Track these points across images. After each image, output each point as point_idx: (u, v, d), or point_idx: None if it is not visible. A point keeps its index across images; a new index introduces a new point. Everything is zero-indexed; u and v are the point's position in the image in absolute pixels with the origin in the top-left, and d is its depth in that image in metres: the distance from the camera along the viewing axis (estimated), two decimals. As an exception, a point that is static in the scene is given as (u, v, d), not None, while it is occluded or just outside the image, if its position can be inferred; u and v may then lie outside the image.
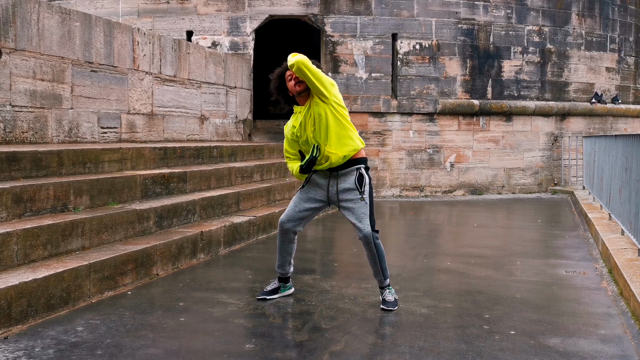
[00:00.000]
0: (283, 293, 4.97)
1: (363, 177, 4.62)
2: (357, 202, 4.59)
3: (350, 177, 4.61)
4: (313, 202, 4.73)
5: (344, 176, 4.61)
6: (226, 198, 7.58)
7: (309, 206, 4.73)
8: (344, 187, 4.62)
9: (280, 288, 4.97)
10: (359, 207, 4.59)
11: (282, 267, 4.91)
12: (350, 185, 4.60)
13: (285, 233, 4.79)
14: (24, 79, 6.38)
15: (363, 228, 4.57)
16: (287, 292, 5.00)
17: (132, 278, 5.28)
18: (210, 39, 12.24)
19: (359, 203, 4.59)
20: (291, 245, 4.84)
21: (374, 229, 4.62)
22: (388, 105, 12.62)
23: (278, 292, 4.96)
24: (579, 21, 14.31)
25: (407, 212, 10.80)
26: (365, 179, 4.62)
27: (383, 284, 4.76)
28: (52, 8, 6.85)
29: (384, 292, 4.76)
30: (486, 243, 7.79)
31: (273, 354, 3.75)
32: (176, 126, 9.26)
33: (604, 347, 3.94)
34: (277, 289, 4.96)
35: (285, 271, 4.93)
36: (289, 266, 4.93)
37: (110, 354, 3.68)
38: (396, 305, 4.69)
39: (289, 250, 4.85)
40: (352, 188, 4.60)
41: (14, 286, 4.05)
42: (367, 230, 4.57)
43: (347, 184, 4.61)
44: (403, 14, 12.65)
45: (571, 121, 14.21)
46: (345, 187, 4.61)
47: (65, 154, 5.89)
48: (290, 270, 4.95)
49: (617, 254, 5.91)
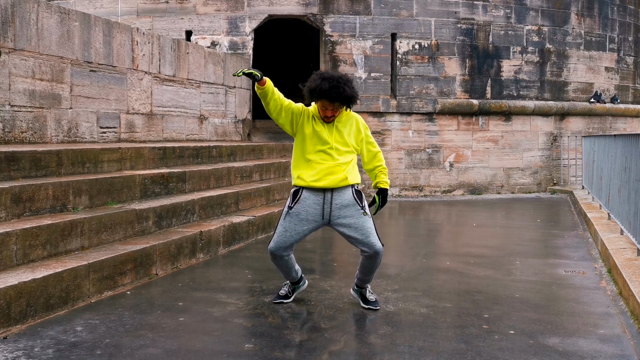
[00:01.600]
0: (299, 291, 4.87)
1: (361, 193, 4.47)
2: (360, 217, 4.37)
3: (346, 193, 4.39)
4: (306, 223, 4.41)
5: (338, 192, 4.38)
6: (225, 198, 7.58)
7: (300, 230, 4.42)
8: (341, 203, 4.37)
9: (295, 289, 4.86)
10: (362, 222, 4.38)
11: (290, 278, 4.78)
12: (349, 200, 4.38)
13: (279, 258, 4.53)
14: (23, 78, 6.37)
15: (374, 244, 4.38)
16: (302, 289, 4.89)
17: (131, 278, 5.28)
18: (210, 39, 12.24)
19: (362, 218, 4.38)
20: (289, 262, 4.60)
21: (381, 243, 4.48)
22: (387, 105, 12.62)
23: (294, 292, 4.85)
24: (578, 21, 14.31)
25: (406, 211, 10.80)
26: (363, 195, 4.48)
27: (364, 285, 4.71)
28: (51, 8, 6.85)
29: (364, 290, 4.69)
30: (485, 243, 7.79)
31: (272, 354, 3.75)
32: (175, 126, 9.25)
33: (603, 347, 3.95)
34: (293, 290, 4.84)
35: (294, 278, 4.78)
36: (296, 273, 4.76)
37: (109, 354, 3.68)
38: (379, 304, 4.68)
39: (289, 265, 4.62)
40: (351, 203, 4.38)
41: (13, 286, 4.05)
42: (379, 246, 4.40)
43: (344, 200, 4.38)
44: (402, 13, 12.65)
45: (570, 121, 14.21)
46: (342, 203, 4.38)
47: (64, 153, 5.88)
48: (298, 274, 4.80)
49: (616, 253, 5.91)
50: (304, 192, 4.39)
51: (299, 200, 4.38)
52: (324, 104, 4.32)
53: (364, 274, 4.58)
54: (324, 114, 4.35)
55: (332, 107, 4.32)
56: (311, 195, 4.37)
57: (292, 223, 4.40)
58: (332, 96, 4.24)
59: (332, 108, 4.32)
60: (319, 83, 4.26)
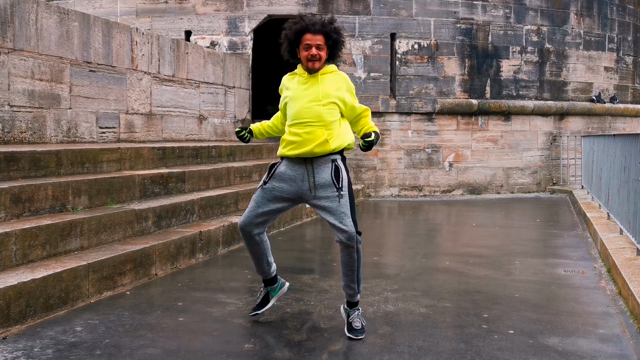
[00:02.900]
0: (275, 296, 4.39)
1: (339, 171, 3.98)
2: (334, 200, 3.92)
3: (325, 169, 3.96)
4: (279, 201, 4.04)
5: (319, 167, 3.96)
6: (225, 198, 7.58)
7: (274, 207, 4.05)
8: (319, 182, 3.96)
9: (270, 293, 4.38)
10: (337, 206, 3.92)
11: (261, 271, 4.31)
12: (327, 179, 3.94)
13: (249, 237, 4.12)
14: (22, 78, 6.37)
15: (346, 229, 3.89)
16: (280, 293, 4.41)
17: (130, 278, 5.28)
18: (209, 39, 12.24)
19: (336, 201, 3.92)
20: (261, 245, 4.17)
21: (357, 231, 3.97)
22: (387, 105, 12.62)
23: (269, 298, 4.38)
24: (578, 21, 14.31)
25: (405, 211, 10.80)
26: (342, 172, 3.98)
27: (354, 298, 4.10)
28: (51, 8, 6.85)
29: (352, 314, 4.06)
30: (485, 242, 7.79)
31: (272, 354, 3.75)
32: (175, 126, 9.25)
33: (602, 347, 3.95)
34: (267, 296, 4.38)
35: (267, 272, 4.31)
36: (269, 266, 4.28)
37: (109, 354, 3.68)
38: (364, 332, 4.03)
39: (260, 251, 4.18)
40: (329, 184, 3.94)
41: (13, 286, 4.05)
42: (351, 230, 3.90)
43: (323, 178, 3.95)
44: (402, 13, 12.65)
45: (570, 121, 14.21)
46: (321, 182, 3.95)
47: (63, 154, 5.88)
48: (272, 269, 4.32)
49: (615, 253, 5.91)
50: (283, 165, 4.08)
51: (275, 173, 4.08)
52: (306, 40, 3.94)
53: (344, 274, 4.06)
54: (308, 53, 3.94)
55: (316, 44, 3.93)
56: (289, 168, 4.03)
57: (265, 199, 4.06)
58: (315, 28, 3.93)
59: (315, 45, 3.93)
60: (298, 21, 4.02)
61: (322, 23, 4.00)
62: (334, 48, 4.03)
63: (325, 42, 3.97)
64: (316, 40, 3.94)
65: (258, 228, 4.09)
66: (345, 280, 4.08)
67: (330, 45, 4.01)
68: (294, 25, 4.00)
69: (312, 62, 3.96)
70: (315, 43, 3.94)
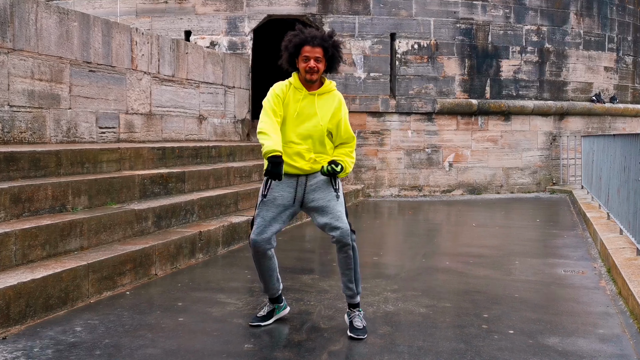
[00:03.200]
0: (279, 314, 4.38)
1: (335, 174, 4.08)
2: (332, 200, 4.05)
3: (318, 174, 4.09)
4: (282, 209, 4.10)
5: (312, 174, 4.10)
6: (225, 198, 7.58)
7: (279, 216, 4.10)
8: (317, 184, 4.08)
9: (275, 310, 4.38)
10: (334, 204, 4.04)
11: (269, 289, 4.31)
12: (323, 180, 4.08)
13: (262, 253, 4.12)
14: (22, 79, 6.37)
15: (341, 225, 3.99)
16: (282, 313, 4.41)
17: (130, 278, 5.28)
18: (209, 39, 12.24)
19: (334, 200, 4.05)
20: (273, 260, 4.20)
21: (351, 229, 4.06)
22: (386, 105, 12.62)
23: (273, 314, 4.36)
24: (577, 21, 14.31)
25: (405, 211, 10.79)
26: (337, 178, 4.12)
27: (354, 299, 4.15)
28: (50, 8, 6.84)
29: (352, 314, 4.14)
30: (485, 242, 7.79)
31: (272, 354, 3.75)
32: (174, 126, 9.25)
33: (602, 347, 3.95)
34: (272, 312, 4.36)
35: (276, 289, 4.32)
36: (278, 283, 4.31)
37: (108, 354, 3.68)
38: (366, 332, 4.08)
39: (272, 266, 4.21)
40: (325, 186, 4.08)
41: (13, 286, 4.04)
42: (346, 227, 4.00)
43: (320, 181, 4.09)
44: (401, 13, 12.65)
45: (569, 121, 14.21)
46: (315, 185, 4.08)
47: (63, 154, 5.88)
48: (280, 286, 4.34)
49: (615, 253, 5.91)
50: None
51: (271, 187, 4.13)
52: (305, 52, 4.00)
53: (342, 273, 4.13)
54: (307, 65, 4.00)
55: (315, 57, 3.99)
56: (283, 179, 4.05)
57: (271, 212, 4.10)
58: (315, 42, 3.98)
59: (314, 57, 3.99)
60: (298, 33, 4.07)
61: (322, 37, 4.07)
62: (331, 61, 4.12)
63: (323, 54, 4.05)
64: (315, 52, 4.02)
65: (269, 243, 4.11)
66: (344, 280, 4.14)
67: (328, 58, 4.09)
68: (294, 38, 4.07)
69: (309, 74, 4.04)
70: (314, 56, 4.02)
